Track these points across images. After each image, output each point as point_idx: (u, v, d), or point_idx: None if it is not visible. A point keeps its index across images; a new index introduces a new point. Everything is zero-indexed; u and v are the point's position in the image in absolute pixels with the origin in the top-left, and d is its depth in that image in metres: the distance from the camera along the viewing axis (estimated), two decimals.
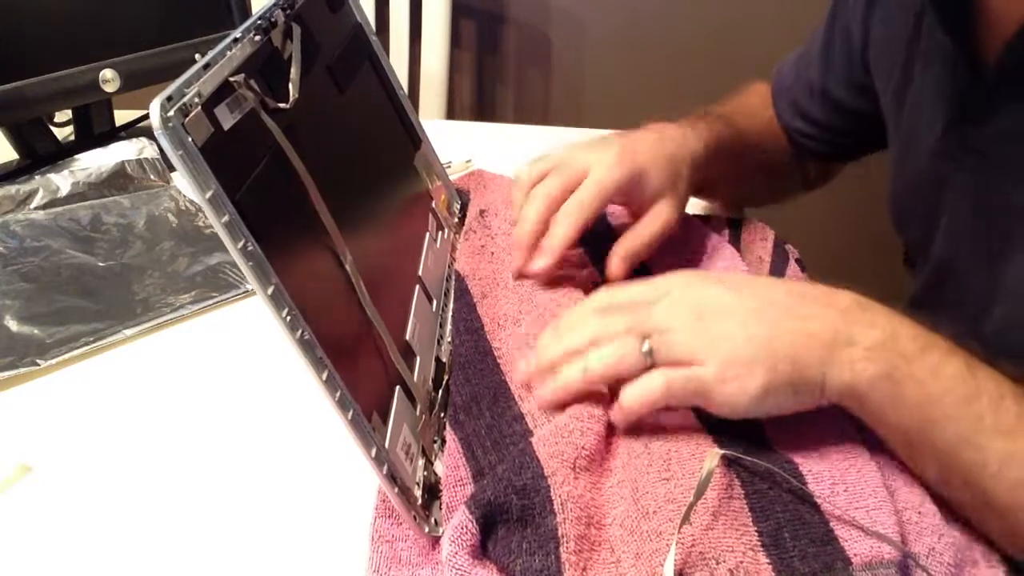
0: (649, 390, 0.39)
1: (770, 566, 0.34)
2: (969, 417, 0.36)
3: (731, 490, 0.37)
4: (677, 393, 0.39)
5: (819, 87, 0.67)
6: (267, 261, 0.33)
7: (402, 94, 0.62)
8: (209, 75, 0.34)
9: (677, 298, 0.41)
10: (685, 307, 0.40)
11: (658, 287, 0.42)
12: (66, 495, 0.43)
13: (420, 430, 0.42)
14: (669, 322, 0.40)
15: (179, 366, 0.53)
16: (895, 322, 0.38)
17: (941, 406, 0.36)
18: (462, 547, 0.35)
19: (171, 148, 0.30)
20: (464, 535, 0.35)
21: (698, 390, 0.38)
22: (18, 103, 0.70)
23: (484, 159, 0.78)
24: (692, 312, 0.40)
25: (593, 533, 0.36)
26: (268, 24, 0.41)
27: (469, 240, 0.59)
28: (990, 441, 0.36)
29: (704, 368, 0.38)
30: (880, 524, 0.35)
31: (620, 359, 0.40)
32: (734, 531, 0.35)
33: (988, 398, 0.36)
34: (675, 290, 0.41)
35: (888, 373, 0.37)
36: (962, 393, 0.36)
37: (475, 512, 0.35)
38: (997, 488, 0.36)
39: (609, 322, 0.41)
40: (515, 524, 0.36)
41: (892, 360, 0.37)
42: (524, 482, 0.37)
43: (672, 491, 0.36)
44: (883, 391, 0.37)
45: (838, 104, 0.66)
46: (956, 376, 0.37)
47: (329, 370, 0.35)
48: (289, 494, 0.43)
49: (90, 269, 0.63)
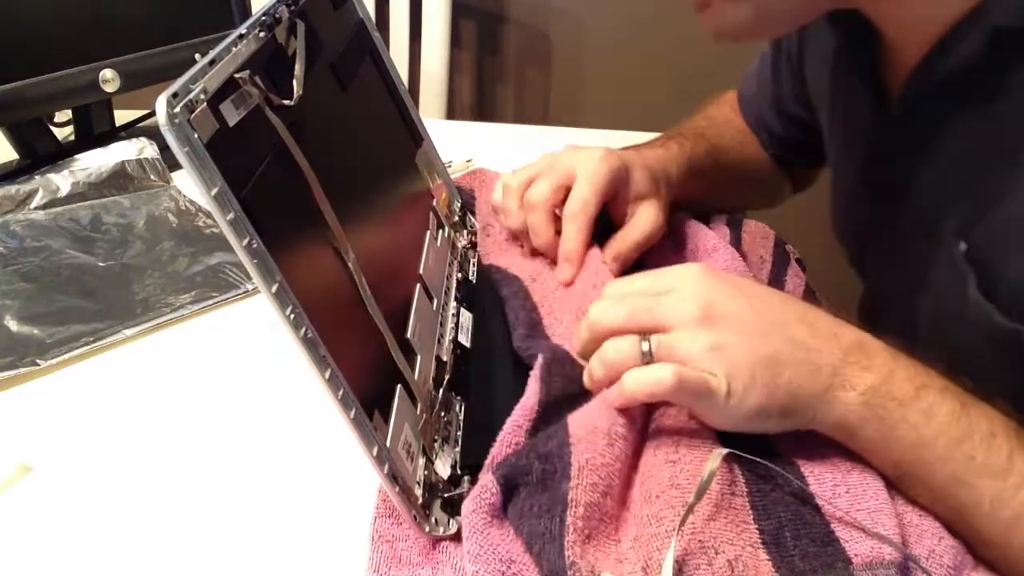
0: (656, 382, 0.37)
1: (770, 563, 0.34)
2: (961, 457, 0.36)
3: (734, 487, 0.37)
4: (685, 393, 0.37)
5: (775, 100, 0.68)
6: (271, 258, 0.33)
7: (404, 92, 0.61)
8: (214, 71, 0.34)
9: (689, 292, 0.39)
10: (695, 303, 0.39)
11: (668, 277, 0.41)
12: (66, 495, 0.43)
13: (421, 429, 0.41)
14: (675, 317, 0.38)
15: (179, 366, 0.53)
16: (892, 363, 0.38)
17: (934, 448, 0.36)
18: (480, 506, 0.35)
19: (177, 144, 0.30)
20: (484, 495, 0.35)
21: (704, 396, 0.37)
22: (18, 103, 0.70)
23: (484, 159, 0.78)
24: (701, 311, 0.38)
25: (608, 504, 0.36)
26: (272, 20, 0.41)
27: (492, 236, 0.59)
28: (981, 480, 0.36)
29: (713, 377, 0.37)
30: (881, 525, 0.35)
31: (623, 360, 0.39)
32: (735, 526, 0.35)
33: (980, 436, 0.36)
34: (686, 282, 0.40)
35: (880, 417, 0.37)
36: (955, 434, 0.36)
37: (498, 474, 0.36)
38: (991, 528, 0.36)
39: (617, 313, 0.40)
40: (534, 487, 0.36)
41: (885, 404, 0.37)
42: (549, 448, 0.37)
43: (676, 475, 0.36)
44: (874, 433, 0.37)
45: (794, 117, 0.67)
46: (949, 417, 0.36)
47: (332, 368, 0.34)
48: (290, 493, 0.42)
49: (90, 269, 0.63)
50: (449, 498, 0.40)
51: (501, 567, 0.34)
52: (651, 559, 0.34)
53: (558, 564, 0.33)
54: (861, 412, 0.37)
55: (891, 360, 0.38)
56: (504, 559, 0.34)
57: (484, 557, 0.34)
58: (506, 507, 0.36)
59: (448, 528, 0.39)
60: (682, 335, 0.38)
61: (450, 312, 0.53)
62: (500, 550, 0.34)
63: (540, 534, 0.34)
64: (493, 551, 0.34)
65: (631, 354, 0.38)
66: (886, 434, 0.37)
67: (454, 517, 0.39)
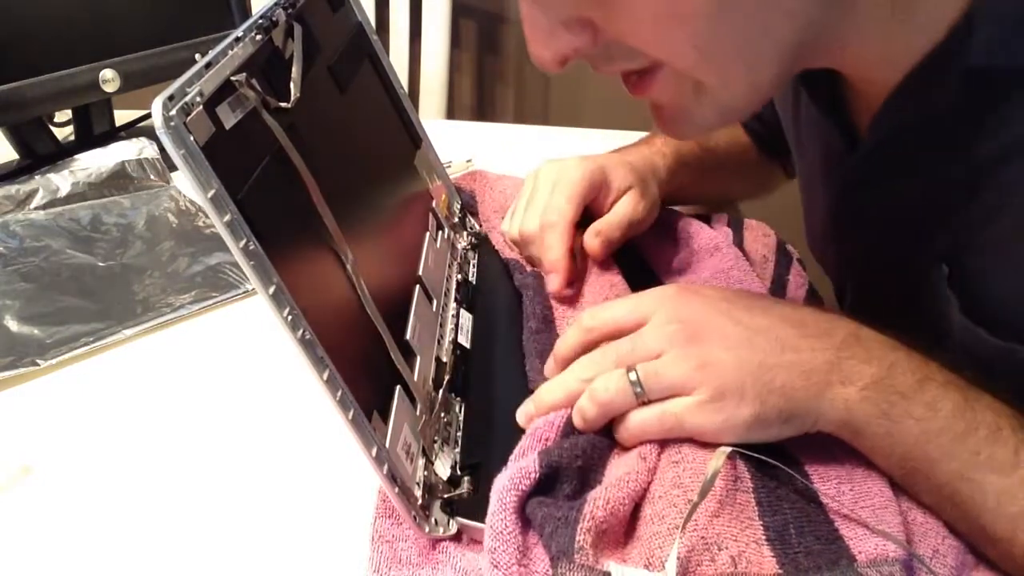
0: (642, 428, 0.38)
1: (774, 559, 0.34)
2: (966, 453, 0.36)
3: (740, 483, 0.37)
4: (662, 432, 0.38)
5: None
6: (268, 260, 0.33)
7: (403, 94, 0.61)
8: (211, 74, 0.34)
9: (665, 317, 0.39)
10: (674, 326, 0.38)
11: (643, 304, 0.41)
12: (66, 495, 0.43)
13: (420, 430, 0.42)
14: (658, 346, 0.38)
15: (179, 366, 0.53)
16: (892, 355, 0.37)
17: (939, 443, 0.36)
18: (516, 485, 0.35)
19: (173, 147, 0.30)
20: (523, 477, 0.36)
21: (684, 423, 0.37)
22: (18, 103, 0.70)
23: (484, 159, 0.78)
24: (682, 333, 0.38)
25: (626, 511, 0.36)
26: (269, 23, 0.41)
27: None
28: (986, 476, 0.35)
29: (693, 398, 0.37)
30: (885, 523, 0.35)
31: (612, 398, 0.38)
32: (739, 523, 0.35)
33: (985, 431, 0.36)
34: (661, 308, 0.40)
35: (885, 412, 0.36)
36: (959, 429, 0.36)
37: (543, 460, 0.36)
38: (996, 524, 0.36)
39: (598, 357, 0.40)
40: (566, 480, 0.37)
41: (889, 398, 0.36)
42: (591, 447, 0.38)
43: (680, 475, 0.36)
44: (879, 428, 0.36)
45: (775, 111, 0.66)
46: (954, 411, 0.36)
47: (330, 369, 0.35)
48: (289, 494, 0.43)
49: (90, 269, 0.63)
50: (449, 499, 0.40)
51: (518, 555, 0.34)
52: (654, 555, 0.34)
53: (568, 547, 0.33)
54: (863, 407, 0.36)
55: (890, 351, 0.37)
56: (521, 547, 0.34)
57: (506, 537, 0.34)
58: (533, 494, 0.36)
59: (448, 529, 0.39)
60: (667, 360, 0.38)
61: (450, 313, 0.53)
62: (519, 538, 0.34)
63: (555, 518, 0.34)
64: (515, 535, 0.34)
65: (622, 389, 0.38)
66: (890, 428, 0.36)
67: (454, 518, 0.39)
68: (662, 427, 0.38)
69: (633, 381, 0.38)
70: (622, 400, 0.38)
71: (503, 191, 0.68)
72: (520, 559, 0.33)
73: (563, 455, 0.37)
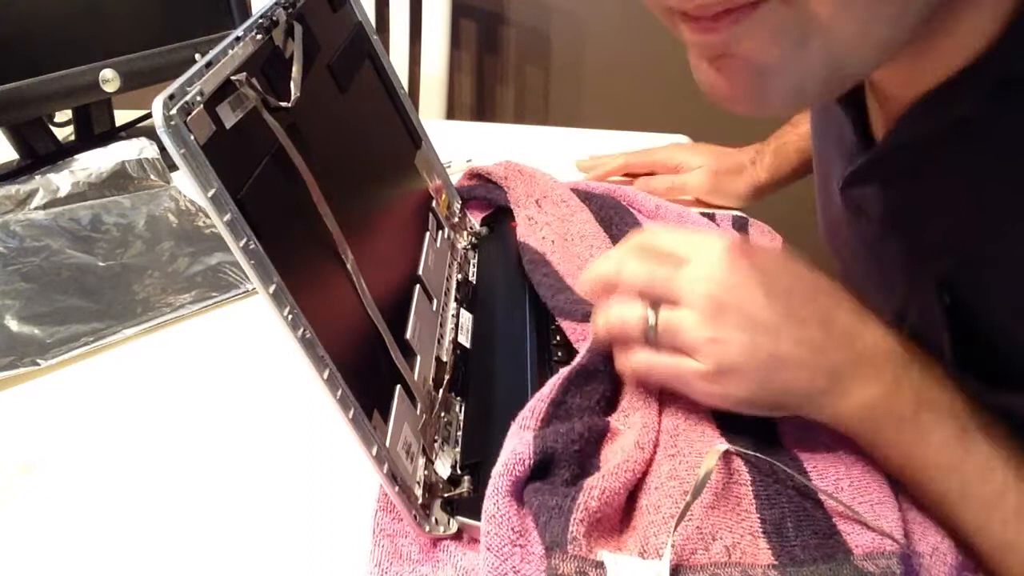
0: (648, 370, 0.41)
1: (770, 551, 0.34)
2: (944, 486, 0.36)
3: (737, 476, 0.37)
4: (660, 379, 0.41)
5: None
6: (269, 260, 0.33)
7: (403, 94, 0.61)
8: (211, 73, 0.34)
9: (706, 271, 0.39)
10: (709, 285, 0.38)
11: (696, 244, 0.41)
12: (66, 495, 0.43)
13: (421, 429, 0.42)
14: (685, 300, 0.39)
15: (179, 366, 0.53)
16: (902, 373, 0.37)
17: (923, 469, 0.37)
18: (509, 470, 0.36)
19: (173, 147, 0.30)
20: (516, 463, 0.36)
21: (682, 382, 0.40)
22: (18, 103, 0.70)
23: (484, 159, 0.78)
24: (711, 301, 0.38)
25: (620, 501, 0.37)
26: (270, 23, 0.41)
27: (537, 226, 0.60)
28: (965, 511, 0.36)
29: (698, 365, 0.38)
30: (884, 519, 0.35)
31: (623, 330, 0.41)
32: (735, 515, 0.35)
33: (974, 467, 0.36)
34: (711, 256, 0.39)
35: (874, 431, 0.37)
36: (943, 462, 0.36)
37: (537, 446, 0.37)
38: (978, 548, 0.36)
39: (639, 272, 0.41)
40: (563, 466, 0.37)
41: (878, 423, 0.37)
42: (588, 431, 0.39)
43: (676, 468, 0.37)
44: (863, 441, 0.38)
45: None
46: (941, 444, 0.36)
47: (330, 369, 0.35)
48: (289, 494, 0.43)
49: (90, 269, 0.63)
50: (449, 498, 0.40)
51: (512, 536, 0.34)
52: (648, 544, 0.34)
53: (560, 537, 0.33)
54: (852, 425, 0.38)
55: (901, 371, 0.37)
56: (516, 529, 0.34)
57: (499, 520, 0.34)
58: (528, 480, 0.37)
59: (448, 528, 0.39)
60: (687, 319, 0.38)
61: (450, 313, 0.53)
62: (514, 520, 0.35)
63: (550, 507, 0.35)
64: (508, 518, 0.34)
65: (636, 327, 0.40)
66: (871, 444, 0.38)
67: (454, 517, 0.39)
68: (666, 377, 0.40)
69: (651, 325, 0.39)
70: (632, 334, 0.41)
71: (532, 175, 0.68)
72: (515, 540, 0.34)
73: (558, 440, 0.37)
